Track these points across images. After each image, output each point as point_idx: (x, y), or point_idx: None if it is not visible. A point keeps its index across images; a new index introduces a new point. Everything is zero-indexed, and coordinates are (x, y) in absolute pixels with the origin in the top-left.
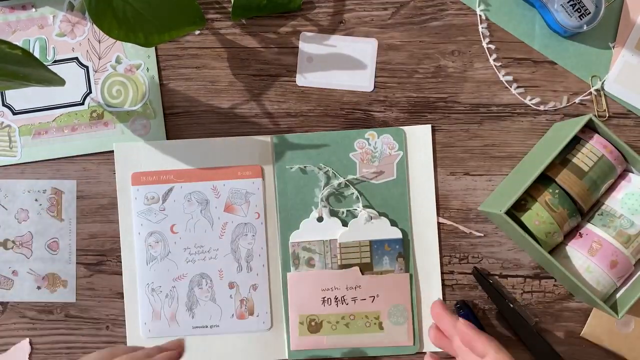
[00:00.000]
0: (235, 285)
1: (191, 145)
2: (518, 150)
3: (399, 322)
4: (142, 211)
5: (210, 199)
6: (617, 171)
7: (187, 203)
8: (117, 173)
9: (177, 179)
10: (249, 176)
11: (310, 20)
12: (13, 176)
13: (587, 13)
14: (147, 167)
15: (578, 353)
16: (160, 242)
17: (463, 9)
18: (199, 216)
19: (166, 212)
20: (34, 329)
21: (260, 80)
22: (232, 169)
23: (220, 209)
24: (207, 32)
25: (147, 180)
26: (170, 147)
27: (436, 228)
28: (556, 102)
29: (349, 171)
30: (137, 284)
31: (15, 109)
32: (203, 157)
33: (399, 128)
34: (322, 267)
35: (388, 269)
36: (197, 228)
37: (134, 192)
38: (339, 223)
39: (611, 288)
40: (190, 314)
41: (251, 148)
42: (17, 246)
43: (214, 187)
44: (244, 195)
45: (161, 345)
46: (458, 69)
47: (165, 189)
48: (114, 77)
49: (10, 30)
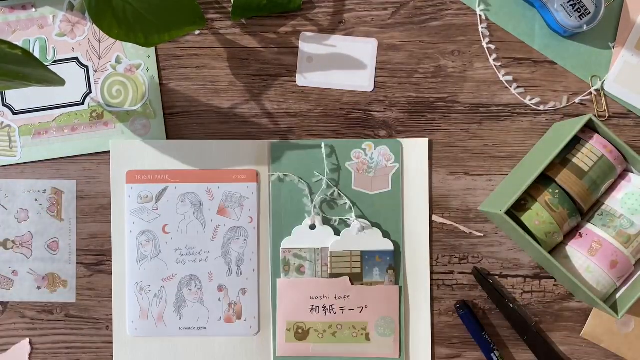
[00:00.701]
0: (224, 289)
1: (188, 146)
2: (518, 150)
3: (386, 334)
4: (135, 210)
5: (204, 201)
6: (617, 171)
7: (181, 204)
8: (112, 170)
9: (172, 179)
10: (244, 180)
11: (310, 20)
12: (13, 176)
13: (587, 13)
14: (143, 166)
15: (578, 353)
16: (151, 242)
17: (463, 9)
18: (192, 217)
19: (159, 211)
20: (34, 329)
21: (260, 80)
22: (228, 172)
23: (213, 211)
24: (207, 32)
25: (141, 179)
26: (167, 147)
27: (428, 242)
28: (556, 102)
29: (345, 180)
30: (126, 282)
31: (15, 109)
32: (199, 159)
33: (396, 140)
34: (312, 275)
35: (378, 281)
36: (189, 229)
37: (128, 190)
38: (331, 232)
39: (611, 288)
40: (178, 314)
41: (248, 152)
42: (17, 246)
43: (209, 189)
44: (237, 199)
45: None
46: (458, 69)
47: (160, 188)
48: (114, 77)
49: (10, 30)
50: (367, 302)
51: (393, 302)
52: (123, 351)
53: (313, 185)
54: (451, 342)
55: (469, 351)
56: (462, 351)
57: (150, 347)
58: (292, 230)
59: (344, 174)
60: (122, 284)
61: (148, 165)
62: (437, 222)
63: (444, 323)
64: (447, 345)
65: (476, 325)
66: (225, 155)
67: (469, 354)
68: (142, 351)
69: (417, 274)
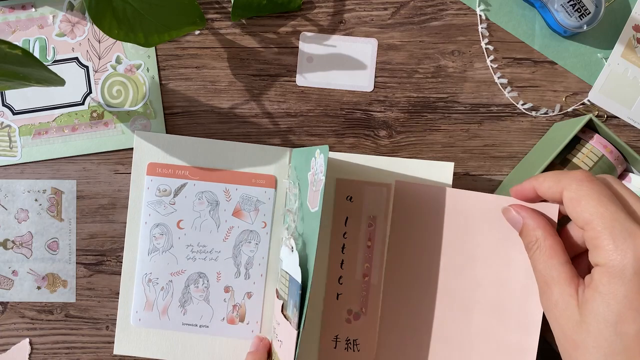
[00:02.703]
0: (230, 290)
1: (211, 145)
2: (518, 150)
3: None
4: (152, 202)
5: (220, 201)
6: (617, 171)
7: (198, 201)
8: (134, 160)
9: (192, 176)
10: (263, 185)
11: (310, 20)
12: (13, 176)
13: (587, 13)
14: (164, 160)
15: None
16: (164, 235)
17: (463, 9)
18: (207, 216)
19: (176, 206)
20: (34, 329)
21: (260, 80)
22: (247, 175)
23: (229, 212)
24: (207, 32)
25: (162, 173)
26: (190, 144)
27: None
28: (549, 109)
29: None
30: (136, 272)
31: (15, 109)
32: (220, 159)
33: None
34: None
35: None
36: (203, 227)
37: (148, 181)
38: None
39: None
40: (183, 310)
41: (270, 158)
42: (17, 246)
43: (227, 189)
44: (254, 203)
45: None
46: (458, 69)
47: (179, 183)
48: (114, 77)
49: (10, 30)
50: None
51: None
52: (125, 339)
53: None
54: None
55: None
56: None
57: (151, 339)
58: None
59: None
60: (132, 273)
61: (170, 160)
62: None
63: None
64: None
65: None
66: (247, 158)
67: None
68: (143, 342)
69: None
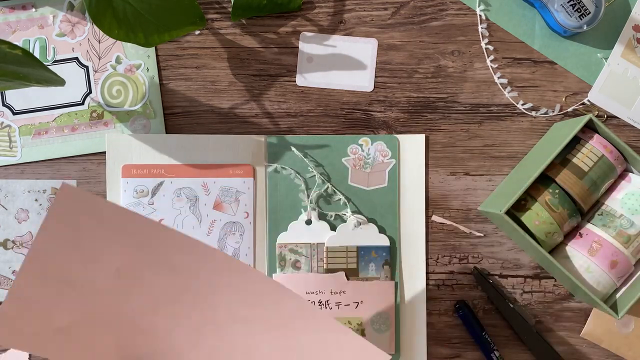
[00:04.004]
0: None
1: (184, 141)
2: (518, 150)
3: (381, 330)
4: (131, 204)
5: (200, 196)
6: (617, 171)
7: (177, 198)
8: (107, 164)
9: (168, 173)
10: (240, 175)
11: (310, 20)
12: (13, 176)
13: (587, 13)
14: (139, 161)
15: (578, 353)
16: None
17: (463, 9)
18: (188, 212)
19: (155, 206)
20: None
21: (260, 80)
22: (224, 167)
23: (209, 206)
24: (207, 32)
25: (137, 173)
26: (163, 142)
27: (424, 238)
28: (549, 109)
29: (341, 176)
30: None
31: (15, 109)
32: (195, 154)
33: (392, 136)
34: (308, 270)
35: (374, 276)
36: (185, 224)
37: (124, 184)
38: (327, 227)
39: (611, 288)
40: None
41: (244, 147)
42: (17, 246)
43: (205, 184)
44: (234, 194)
45: None
46: (458, 69)
47: (155, 183)
48: (114, 77)
49: (10, 30)
50: (362, 297)
51: (389, 298)
52: None
53: (309, 180)
54: (451, 342)
55: (469, 351)
56: (462, 351)
57: None
58: (288, 226)
59: (341, 169)
60: None
61: (144, 160)
62: (437, 222)
63: (444, 323)
64: (447, 345)
65: (476, 325)
66: (222, 150)
67: (469, 354)
68: None
69: (413, 269)
